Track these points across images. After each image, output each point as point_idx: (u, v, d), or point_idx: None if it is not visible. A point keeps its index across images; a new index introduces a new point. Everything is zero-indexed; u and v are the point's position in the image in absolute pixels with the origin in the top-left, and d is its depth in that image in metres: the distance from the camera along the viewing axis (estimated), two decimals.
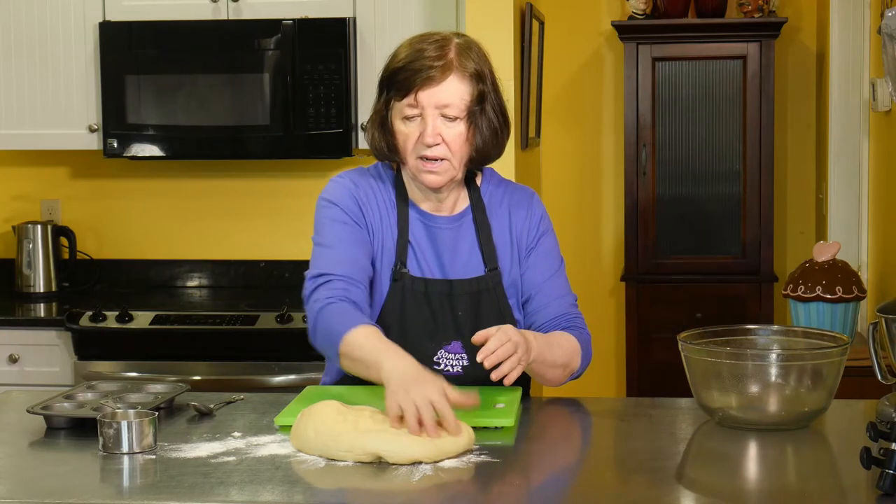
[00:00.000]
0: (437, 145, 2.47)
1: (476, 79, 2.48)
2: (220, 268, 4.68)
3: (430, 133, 2.46)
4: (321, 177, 4.60)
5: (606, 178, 5.46)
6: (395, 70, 2.49)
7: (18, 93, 4.36)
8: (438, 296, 2.53)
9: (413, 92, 2.46)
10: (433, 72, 2.45)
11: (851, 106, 4.50)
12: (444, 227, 2.58)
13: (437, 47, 2.48)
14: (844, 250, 4.02)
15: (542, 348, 2.43)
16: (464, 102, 2.47)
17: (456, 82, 2.46)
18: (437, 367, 2.52)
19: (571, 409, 2.54)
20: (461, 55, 2.48)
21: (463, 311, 2.54)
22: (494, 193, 2.63)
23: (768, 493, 2.01)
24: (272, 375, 3.96)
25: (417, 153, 2.49)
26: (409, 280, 2.54)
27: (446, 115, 2.47)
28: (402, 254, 2.54)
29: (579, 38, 5.41)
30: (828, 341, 2.39)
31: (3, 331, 4.12)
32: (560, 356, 2.50)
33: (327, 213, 2.60)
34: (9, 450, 2.27)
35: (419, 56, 2.47)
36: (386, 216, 2.57)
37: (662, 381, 4.47)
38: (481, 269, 2.57)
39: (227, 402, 2.53)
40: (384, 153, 2.56)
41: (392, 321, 2.53)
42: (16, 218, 4.71)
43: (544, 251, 2.62)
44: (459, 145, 2.49)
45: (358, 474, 2.05)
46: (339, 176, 2.65)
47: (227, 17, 4.26)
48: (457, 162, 2.51)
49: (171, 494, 1.96)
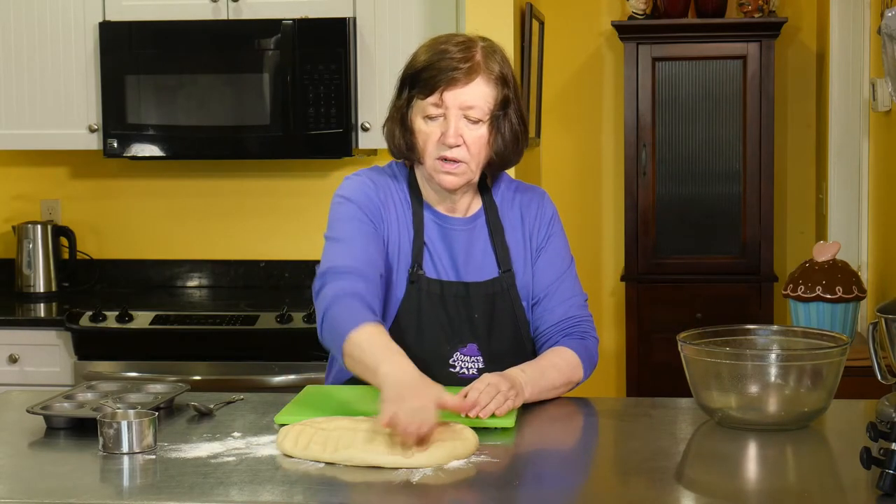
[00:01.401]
0: (457, 146, 2.46)
1: (501, 83, 2.48)
2: (220, 268, 4.68)
3: (452, 134, 2.45)
4: (321, 177, 4.64)
5: (606, 177, 5.46)
6: (421, 68, 2.48)
7: (18, 93, 4.36)
8: (454, 298, 2.53)
9: (438, 91, 2.45)
10: (459, 73, 2.44)
11: (851, 106, 4.50)
12: (458, 228, 2.57)
13: (462, 48, 2.47)
14: (844, 250, 4.02)
15: (535, 381, 2.42)
16: (488, 105, 2.46)
17: (482, 85, 2.46)
18: (452, 370, 2.52)
19: (571, 409, 2.54)
20: (487, 58, 2.47)
21: (479, 314, 2.53)
22: (506, 195, 2.63)
23: (768, 493, 2.01)
24: (272, 375, 3.96)
25: (437, 153, 2.48)
26: (426, 282, 2.53)
27: (469, 116, 2.46)
28: (418, 255, 2.53)
29: (579, 38, 5.41)
30: (827, 341, 2.39)
31: (3, 331, 4.12)
32: (557, 378, 2.49)
33: (342, 209, 2.55)
34: (9, 450, 2.27)
35: (444, 56, 2.46)
36: (403, 216, 2.56)
37: (662, 381, 4.47)
38: (495, 271, 2.57)
39: (227, 402, 2.53)
40: (402, 151, 2.55)
41: (408, 323, 2.52)
42: (16, 218, 4.71)
43: (553, 252, 2.62)
44: (479, 148, 2.48)
45: (358, 474, 2.05)
46: (357, 174, 2.61)
47: (227, 17, 4.26)
48: (474, 165, 2.49)
49: (171, 494, 1.96)
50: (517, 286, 2.57)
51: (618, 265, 5.39)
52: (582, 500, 2.03)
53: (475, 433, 2.19)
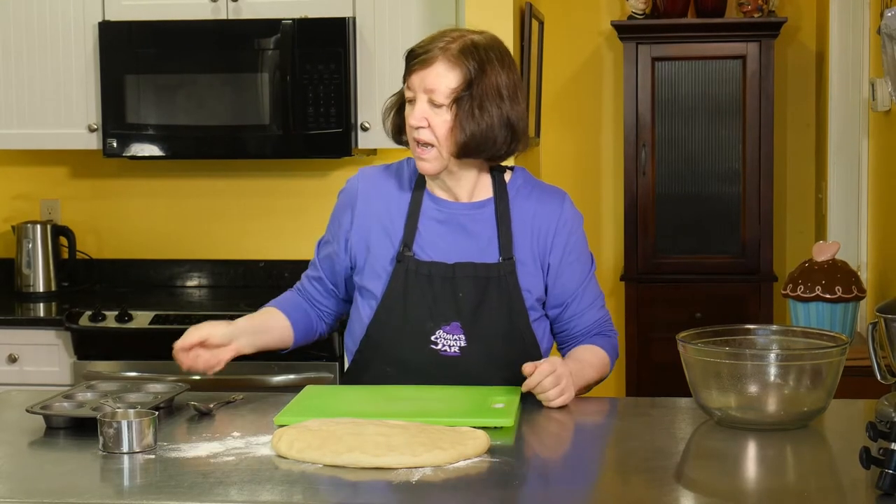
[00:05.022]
0: (422, 128, 2.53)
1: (465, 68, 2.51)
2: (219, 268, 4.68)
3: (415, 115, 2.54)
4: (321, 177, 4.64)
5: (606, 177, 5.46)
6: (406, 55, 2.59)
7: (18, 93, 4.36)
8: (441, 279, 2.57)
9: (409, 75, 2.55)
10: (424, 56, 2.53)
11: (851, 106, 4.50)
12: (459, 212, 2.63)
13: (441, 37, 2.56)
14: (844, 250, 4.02)
15: (577, 378, 2.55)
16: (448, 89, 2.51)
17: (441, 68, 2.52)
18: (434, 346, 2.57)
19: (571, 408, 2.54)
20: (461, 47, 2.53)
21: (464, 293, 2.58)
22: (522, 189, 2.67)
23: (768, 492, 2.01)
24: (272, 375, 3.96)
25: (411, 135, 2.57)
26: (413, 263, 2.59)
27: (433, 101, 2.53)
28: (408, 237, 2.60)
29: (579, 38, 5.41)
30: (827, 341, 2.39)
31: (3, 330, 4.12)
32: (593, 375, 2.64)
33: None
34: (9, 450, 2.27)
35: (425, 42, 2.56)
36: (396, 202, 2.64)
37: (662, 381, 4.47)
38: (496, 257, 2.60)
39: (227, 401, 2.53)
40: (394, 135, 2.66)
41: (395, 301, 2.59)
42: (15, 218, 4.71)
43: (576, 256, 2.67)
44: (444, 132, 2.53)
45: (357, 474, 2.05)
46: (358, 172, 2.76)
47: (227, 16, 4.26)
48: (444, 150, 2.55)
49: (171, 494, 1.96)
50: (517, 274, 2.59)
51: (617, 265, 5.39)
52: (582, 499, 2.03)
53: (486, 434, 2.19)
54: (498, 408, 2.38)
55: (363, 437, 2.13)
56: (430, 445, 2.10)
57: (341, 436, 2.14)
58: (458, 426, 2.23)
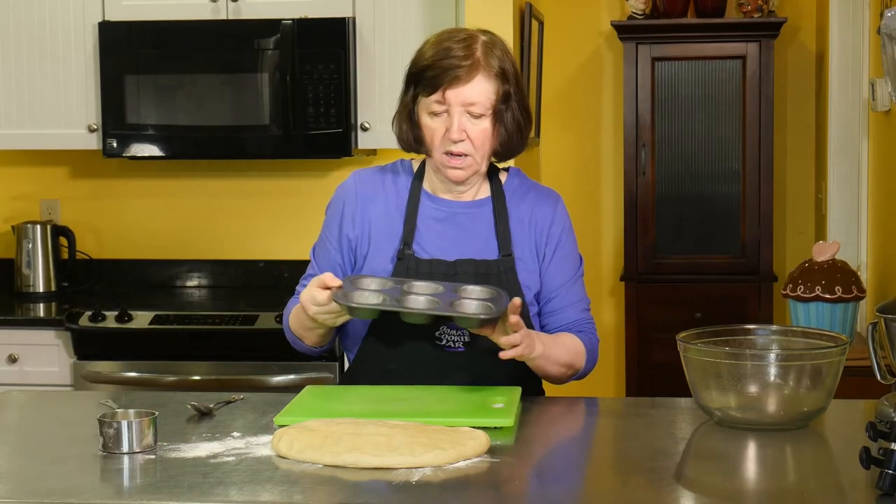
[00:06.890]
0: (461, 141, 2.55)
1: (501, 77, 2.56)
2: (219, 268, 4.68)
3: (455, 129, 2.54)
4: (321, 177, 4.64)
5: (606, 177, 5.46)
6: (424, 67, 2.56)
7: (18, 93, 4.36)
8: (443, 276, 2.58)
9: (441, 90, 2.53)
10: (460, 71, 2.52)
11: (851, 106, 4.50)
12: (459, 210, 2.65)
13: (463, 46, 2.55)
14: (844, 250, 4.02)
15: (546, 345, 2.53)
16: (489, 101, 2.55)
17: (482, 81, 2.54)
18: (439, 343, 2.59)
19: (571, 408, 2.54)
20: (487, 54, 2.55)
21: None
22: (518, 189, 2.70)
23: (767, 493, 2.01)
24: (272, 375, 3.96)
25: (443, 148, 2.57)
26: (414, 261, 2.60)
27: (472, 112, 2.54)
28: (408, 236, 2.62)
29: (579, 38, 5.41)
30: (827, 341, 2.39)
31: (3, 331, 4.12)
32: (564, 355, 2.59)
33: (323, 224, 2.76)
34: (9, 450, 2.27)
35: (447, 54, 2.54)
36: (395, 202, 2.65)
37: (662, 381, 4.46)
38: (495, 254, 2.62)
39: (227, 401, 2.53)
40: (411, 145, 2.65)
41: None
42: (15, 218, 4.71)
43: (564, 255, 2.69)
44: (483, 141, 2.57)
45: (357, 474, 2.05)
46: (351, 175, 2.74)
47: (227, 17, 4.26)
48: (479, 157, 2.59)
49: (171, 494, 1.96)
50: (517, 270, 2.61)
51: (617, 265, 5.39)
52: (582, 499, 2.03)
53: (486, 434, 2.20)
54: (498, 408, 2.38)
55: (363, 438, 2.13)
56: (429, 446, 2.10)
57: (341, 436, 2.14)
58: (457, 426, 2.24)
